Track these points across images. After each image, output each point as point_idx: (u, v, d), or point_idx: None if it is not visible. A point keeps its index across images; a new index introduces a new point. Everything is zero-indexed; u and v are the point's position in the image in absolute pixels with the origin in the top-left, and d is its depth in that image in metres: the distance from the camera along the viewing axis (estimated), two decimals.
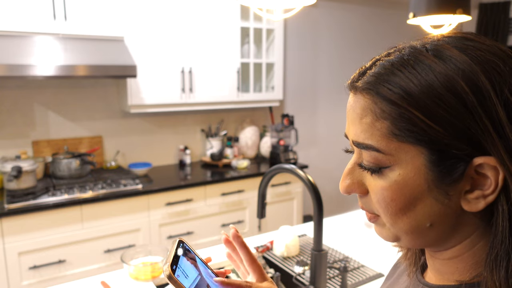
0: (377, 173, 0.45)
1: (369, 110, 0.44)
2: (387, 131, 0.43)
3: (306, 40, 3.65)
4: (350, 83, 0.48)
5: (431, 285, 0.51)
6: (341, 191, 0.49)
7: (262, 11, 2.87)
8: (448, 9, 1.63)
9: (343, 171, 0.50)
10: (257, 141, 3.29)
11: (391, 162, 0.44)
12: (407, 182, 0.43)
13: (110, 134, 2.85)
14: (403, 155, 0.43)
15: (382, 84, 0.44)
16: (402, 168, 0.43)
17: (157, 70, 2.63)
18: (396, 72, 0.43)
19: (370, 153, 0.45)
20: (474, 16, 4.43)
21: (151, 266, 1.33)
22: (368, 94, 0.45)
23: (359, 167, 0.48)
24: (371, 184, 0.47)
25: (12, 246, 2.10)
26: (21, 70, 2.04)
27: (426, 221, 0.44)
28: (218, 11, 2.79)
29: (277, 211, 3.01)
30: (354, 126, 0.46)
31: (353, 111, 0.47)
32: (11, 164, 2.22)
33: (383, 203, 0.45)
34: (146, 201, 2.46)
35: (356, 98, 0.46)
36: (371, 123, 0.44)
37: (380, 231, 0.50)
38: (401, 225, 0.45)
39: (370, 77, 0.45)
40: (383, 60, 0.46)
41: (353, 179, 0.48)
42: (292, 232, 1.57)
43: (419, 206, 0.44)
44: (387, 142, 0.43)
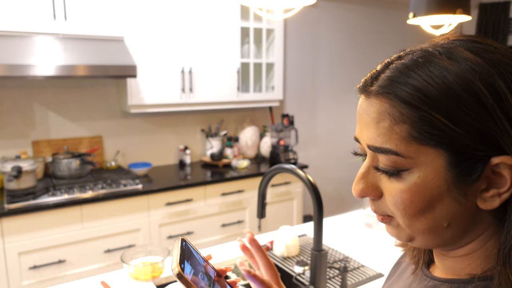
0: (395, 176, 0.45)
1: (386, 114, 0.44)
2: (406, 134, 0.43)
3: (306, 40, 3.65)
4: (363, 87, 0.48)
5: (440, 279, 0.52)
6: (355, 195, 0.49)
7: (262, 11, 2.87)
8: (448, 9, 1.63)
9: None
10: (257, 141, 3.29)
11: (411, 165, 0.44)
12: (426, 184, 0.43)
13: (110, 134, 2.85)
14: (423, 157, 0.43)
15: (399, 87, 0.43)
16: (421, 171, 0.43)
17: (157, 70, 2.63)
18: (412, 75, 0.43)
19: (388, 157, 0.45)
20: (474, 16, 4.43)
21: (151, 266, 1.33)
22: (385, 98, 0.44)
23: (374, 170, 0.48)
24: (387, 187, 0.46)
25: (12, 246, 2.10)
26: (21, 70, 2.04)
27: (444, 221, 0.45)
28: (218, 11, 2.79)
29: (277, 211, 3.01)
30: (369, 130, 0.46)
31: (367, 115, 0.46)
32: (11, 164, 2.22)
33: (401, 206, 0.45)
34: (146, 201, 2.46)
35: (370, 102, 0.46)
36: (389, 127, 0.44)
37: (393, 231, 0.50)
38: (418, 226, 0.46)
39: (386, 80, 0.45)
40: (396, 63, 0.46)
41: (367, 182, 0.48)
42: (292, 232, 1.57)
43: (437, 207, 0.44)
44: (406, 146, 0.43)
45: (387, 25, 4.14)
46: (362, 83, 0.49)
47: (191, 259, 0.53)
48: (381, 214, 0.49)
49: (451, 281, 0.50)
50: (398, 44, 4.22)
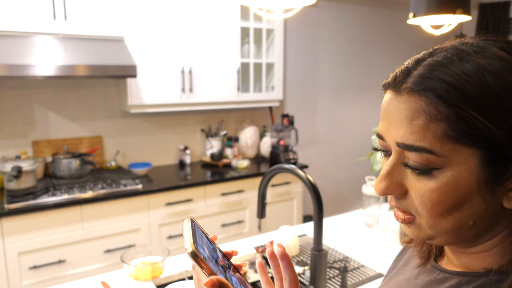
0: (426, 174, 0.44)
1: (421, 112, 0.43)
2: (442, 133, 0.42)
3: (306, 40, 3.65)
4: (392, 83, 0.47)
5: (452, 272, 0.52)
6: (378, 193, 0.48)
7: (262, 11, 2.87)
8: (448, 9, 1.63)
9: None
10: (257, 141, 3.29)
11: (443, 164, 0.43)
12: (458, 183, 0.43)
13: (110, 134, 2.85)
14: (456, 156, 0.43)
15: (436, 85, 0.43)
16: (454, 169, 0.43)
17: (157, 70, 2.63)
18: (448, 72, 0.43)
19: (421, 155, 0.44)
20: (474, 16, 4.43)
21: (151, 266, 1.33)
22: (420, 95, 0.44)
23: (400, 167, 0.47)
24: (415, 185, 0.46)
25: (12, 246, 2.10)
26: (21, 70, 2.04)
27: (470, 220, 0.45)
28: (218, 11, 2.79)
29: (277, 211, 3.01)
30: (401, 128, 0.45)
31: (398, 112, 0.46)
32: (11, 164, 2.22)
33: (429, 204, 0.45)
34: (146, 201, 2.46)
35: (402, 99, 0.45)
36: (425, 125, 0.43)
37: (413, 231, 0.49)
38: (443, 225, 0.45)
39: (420, 77, 0.44)
40: (429, 60, 0.45)
41: (391, 180, 0.47)
42: (292, 232, 1.57)
43: (466, 206, 0.44)
44: (441, 144, 0.43)
45: (387, 25, 4.14)
46: (391, 79, 0.48)
47: (201, 239, 0.52)
48: (404, 212, 0.48)
49: (463, 274, 0.50)
50: (398, 44, 4.22)
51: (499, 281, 0.45)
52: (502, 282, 0.45)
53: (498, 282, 0.45)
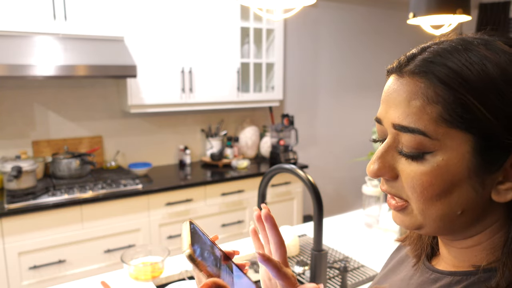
0: (417, 158, 0.45)
1: (420, 94, 0.44)
2: (438, 115, 0.43)
3: (306, 40, 3.65)
4: (396, 67, 0.48)
5: (443, 272, 0.52)
6: (369, 174, 0.49)
7: (262, 11, 2.87)
8: (448, 9, 1.63)
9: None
10: (257, 141, 3.29)
11: (436, 147, 0.44)
12: (449, 168, 0.44)
13: (110, 134, 2.85)
14: (449, 141, 0.43)
15: (438, 68, 0.44)
16: (445, 154, 0.43)
17: (157, 70, 2.63)
18: (451, 58, 0.44)
19: (414, 137, 0.44)
20: (474, 16, 4.43)
21: (151, 266, 1.34)
22: (420, 77, 0.45)
23: (394, 151, 0.48)
24: (406, 168, 0.46)
25: (12, 246, 2.10)
26: (21, 70, 2.04)
27: (458, 208, 0.45)
28: (218, 11, 2.79)
29: (277, 211, 3.01)
30: (399, 109, 0.46)
31: (397, 94, 0.47)
32: (11, 164, 2.22)
33: (419, 188, 0.45)
34: (146, 201, 2.46)
35: (403, 81, 0.46)
36: (421, 107, 0.44)
37: (403, 219, 0.50)
38: (433, 211, 0.46)
39: (423, 61, 0.45)
40: (434, 47, 0.47)
41: (384, 162, 0.48)
42: (292, 232, 1.57)
43: (455, 193, 0.44)
44: (436, 127, 0.43)
45: (387, 25, 4.14)
46: (396, 63, 0.49)
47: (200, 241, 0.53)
48: (395, 196, 0.49)
49: (454, 274, 0.50)
50: (398, 44, 4.22)
51: (489, 278, 0.46)
52: (491, 279, 0.45)
53: (487, 280, 0.46)
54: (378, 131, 0.52)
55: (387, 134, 0.50)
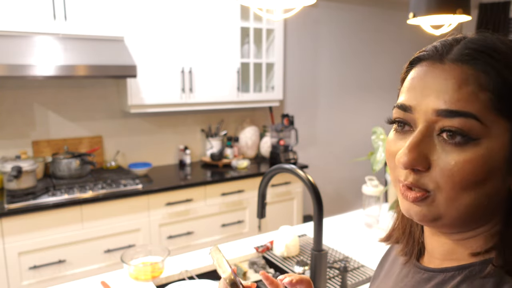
0: (461, 145, 0.44)
1: (471, 80, 0.44)
2: (489, 102, 0.43)
3: (306, 40, 3.65)
4: (432, 55, 0.48)
5: (435, 270, 0.52)
6: (403, 165, 0.46)
7: (262, 11, 2.87)
8: (448, 9, 1.63)
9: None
10: (257, 141, 3.29)
11: (482, 135, 0.43)
12: (492, 156, 0.43)
13: (110, 134, 2.85)
14: (495, 129, 0.43)
15: (489, 57, 0.44)
16: (490, 142, 0.43)
17: (157, 70, 2.63)
18: (500, 46, 0.45)
19: (466, 121, 0.43)
20: (474, 16, 4.43)
21: (151, 266, 1.34)
22: (470, 64, 0.45)
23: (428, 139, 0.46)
24: (445, 157, 0.45)
25: (12, 246, 2.10)
26: (21, 70, 2.04)
27: (486, 198, 0.45)
28: (218, 11, 2.79)
29: (277, 211, 3.01)
30: (446, 94, 0.45)
31: (442, 79, 0.46)
32: (11, 164, 2.22)
33: (459, 176, 0.44)
34: (146, 201, 2.46)
35: (445, 68, 0.46)
36: (473, 93, 0.44)
37: (420, 210, 0.47)
38: (463, 201, 0.45)
39: (469, 49, 0.46)
40: (471, 38, 0.47)
41: (419, 152, 0.46)
42: (292, 232, 1.57)
43: (489, 182, 0.44)
44: (486, 113, 0.43)
45: (387, 25, 4.14)
46: (428, 52, 0.49)
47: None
48: (419, 187, 0.47)
49: (445, 270, 0.50)
50: (398, 44, 4.22)
51: (481, 270, 0.46)
52: (482, 271, 0.46)
53: (480, 272, 0.46)
54: (401, 117, 0.50)
55: (412, 120, 0.48)
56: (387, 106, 4.11)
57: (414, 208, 0.48)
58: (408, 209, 0.49)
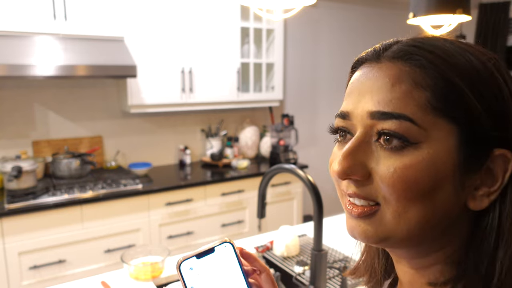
0: (400, 150, 0.39)
1: (405, 77, 0.40)
2: (425, 101, 0.39)
3: (306, 40, 3.65)
4: (372, 54, 0.45)
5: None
6: (338, 174, 0.42)
7: (262, 11, 2.87)
8: (448, 9, 1.63)
9: None
10: (257, 141, 3.29)
11: (422, 138, 0.39)
12: (435, 162, 0.39)
13: (110, 134, 2.85)
14: (436, 132, 0.39)
15: (426, 52, 0.41)
16: (432, 147, 0.39)
17: (157, 70, 2.63)
18: (437, 45, 0.41)
19: (400, 124, 0.39)
20: (474, 16, 4.43)
21: (151, 266, 1.34)
22: (406, 61, 0.41)
23: (366, 146, 0.42)
24: (384, 163, 0.40)
25: (12, 246, 2.10)
26: (21, 70, 2.04)
27: (439, 212, 0.40)
28: (218, 11, 2.80)
29: (277, 211, 3.01)
30: (378, 94, 0.41)
31: (375, 79, 0.42)
32: (11, 164, 2.22)
33: (401, 185, 0.39)
34: (146, 201, 2.46)
35: (381, 67, 0.42)
36: (407, 91, 0.39)
37: (366, 228, 0.42)
38: (412, 214, 0.39)
39: (407, 46, 0.42)
40: (412, 38, 0.44)
41: (355, 159, 0.41)
42: (292, 232, 1.57)
43: (439, 193, 0.39)
44: (423, 114, 0.39)
45: (387, 25, 4.14)
46: (366, 53, 0.46)
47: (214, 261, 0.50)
48: (365, 198, 0.42)
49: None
50: None
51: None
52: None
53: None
54: (341, 126, 0.46)
55: (352, 128, 0.44)
56: None
57: (360, 226, 0.43)
58: (352, 228, 0.44)
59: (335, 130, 0.48)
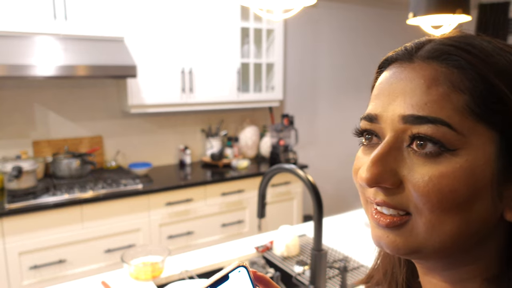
0: (435, 156, 0.36)
1: (442, 79, 0.37)
2: (464, 105, 0.36)
3: (306, 40, 3.65)
4: (404, 54, 0.42)
5: None
6: (367, 182, 0.38)
7: (262, 11, 2.87)
8: (447, 9, 1.64)
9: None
10: (257, 141, 3.29)
11: (459, 145, 0.36)
12: (474, 171, 0.35)
13: (110, 134, 2.85)
14: (475, 138, 0.36)
15: (464, 52, 0.37)
16: (470, 154, 0.36)
17: (157, 70, 2.63)
18: (475, 43, 0.38)
19: (437, 129, 0.36)
20: (474, 16, 4.43)
21: (151, 266, 1.34)
22: (442, 61, 0.38)
23: (397, 151, 0.39)
24: (417, 171, 0.37)
25: (13, 246, 2.10)
26: (21, 70, 2.04)
27: (476, 224, 0.37)
28: (218, 11, 2.80)
29: (277, 211, 3.01)
30: (412, 97, 0.38)
31: (409, 81, 0.39)
32: (12, 164, 2.23)
33: (436, 195, 0.36)
34: (146, 201, 2.46)
35: (414, 67, 0.39)
36: (445, 94, 0.36)
37: (395, 239, 0.39)
38: (447, 227, 0.37)
39: (441, 45, 0.39)
40: (447, 36, 0.41)
41: (385, 166, 0.38)
42: (292, 232, 1.57)
43: (476, 204, 0.36)
44: (461, 119, 0.36)
45: (387, 25, 4.15)
46: (396, 53, 0.43)
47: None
48: (395, 208, 0.39)
49: None
50: (398, 44, 4.17)
51: None
52: None
53: None
54: (368, 128, 0.43)
55: (381, 131, 0.41)
56: None
57: (388, 237, 0.40)
58: (379, 238, 0.41)
59: (361, 133, 0.44)
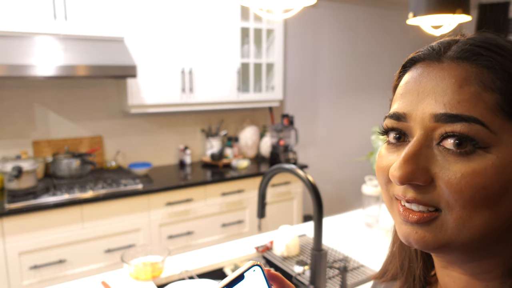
0: (467, 154, 0.38)
1: (473, 79, 0.38)
2: (495, 104, 0.37)
3: (306, 40, 3.65)
4: (433, 53, 0.43)
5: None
6: (399, 179, 0.39)
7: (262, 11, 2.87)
8: (447, 9, 1.64)
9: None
10: (257, 141, 3.29)
11: (492, 142, 0.37)
12: (505, 168, 0.37)
13: (110, 134, 2.85)
14: (506, 135, 0.37)
15: (491, 53, 0.39)
16: (501, 151, 0.37)
17: (157, 70, 2.63)
18: (503, 44, 0.40)
19: (470, 127, 0.37)
20: (474, 16, 4.43)
21: (151, 266, 1.34)
22: (471, 62, 0.39)
23: (427, 149, 0.40)
24: (449, 168, 0.38)
25: (13, 246, 2.10)
26: (21, 70, 2.04)
27: (502, 219, 0.38)
28: (218, 11, 2.80)
29: (277, 211, 3.01)
30: (444, 96, 0.39)
31: (440, 80, 0.40)
32: (12, 164, 2.23)
33: (469, 192, 0.37)
34: (146, 201, 2.46)
35: (444, 67, 0.41)
36: (477, 93, 0.38)
37: (424, 235, 0.40)
38: (477, 222, 0.38)
39: (470, 45, 0.41)
40: (471, 37, 0.42)
41: (418, 163, 0.39)
42: (292, 232, 1.57)
43: (506, 200, 0.38)
44: (492, 118, 0.37)
45: (387, 25, 4.15)
46: (423, 52, 0.44)
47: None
48: (426, 205, 0.40)
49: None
50: (398, 44, 4.22)
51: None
52: None
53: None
54: (395, 127, 0.44)
55: (408, 129, 0.42)
56: (387, 106, 4.11)
57: (418, 233, 0.41)
58: (407, 235, 0.41)
59: (385, 131, 0.45)
